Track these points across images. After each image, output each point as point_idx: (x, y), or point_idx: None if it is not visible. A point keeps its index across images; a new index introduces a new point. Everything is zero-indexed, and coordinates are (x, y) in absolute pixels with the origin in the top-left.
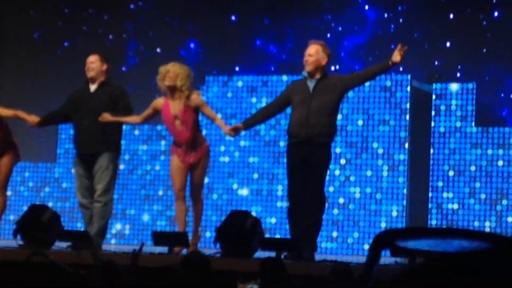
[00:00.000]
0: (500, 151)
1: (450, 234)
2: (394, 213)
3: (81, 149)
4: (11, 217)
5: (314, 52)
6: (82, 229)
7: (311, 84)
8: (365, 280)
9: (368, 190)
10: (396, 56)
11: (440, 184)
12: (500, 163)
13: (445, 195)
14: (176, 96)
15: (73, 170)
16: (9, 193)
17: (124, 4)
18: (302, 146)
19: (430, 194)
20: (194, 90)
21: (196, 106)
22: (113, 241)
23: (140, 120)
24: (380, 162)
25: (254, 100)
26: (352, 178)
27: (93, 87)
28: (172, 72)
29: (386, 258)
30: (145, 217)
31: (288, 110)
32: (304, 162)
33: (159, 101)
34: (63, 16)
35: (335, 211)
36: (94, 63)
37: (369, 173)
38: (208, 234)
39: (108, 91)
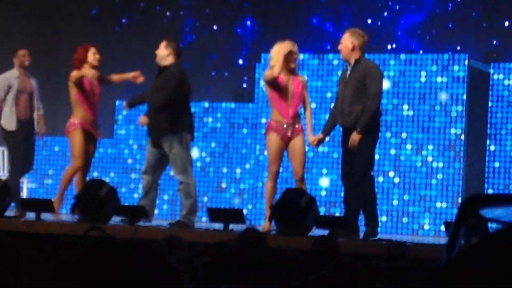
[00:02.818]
0: None
1: None
2: (450, 196)
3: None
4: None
5: (342, 40)
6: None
7: (348, 71)
8: (449, 251)
9: (424, 169)
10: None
11: (497, 164)
12: None
13: (500, 171)
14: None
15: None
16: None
17: None
18: (343, 132)
19: (486, 175)
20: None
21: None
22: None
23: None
24: (436, 141)
25: (314, 78)
26: (404, 155)
27: None
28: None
29: None
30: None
31: None
32: (346, 147)
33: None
34: None
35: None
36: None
37: (424, 152)
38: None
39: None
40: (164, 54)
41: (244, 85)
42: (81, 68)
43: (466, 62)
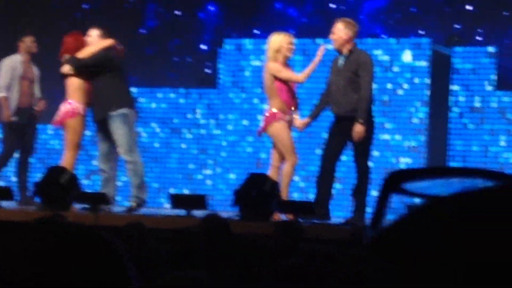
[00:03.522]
0: None
1: (464, 173)
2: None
3: None
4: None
5: (335, 30)
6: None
7: (341, 60)
8: (374, 228)
9: (388, 153)
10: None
11: (459, 148)
12: None
13: (462, 155)
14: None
15: None
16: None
17: None
18: (337, 120)
19: (448, 153)
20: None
21: None
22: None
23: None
24: (400, 125)
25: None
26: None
27: None
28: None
29: None
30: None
31: None
32: (339, 135)
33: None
34: None
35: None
36: None
37: (387, 136)
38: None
39: None
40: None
41: (207, 71)
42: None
43: (429, 46)
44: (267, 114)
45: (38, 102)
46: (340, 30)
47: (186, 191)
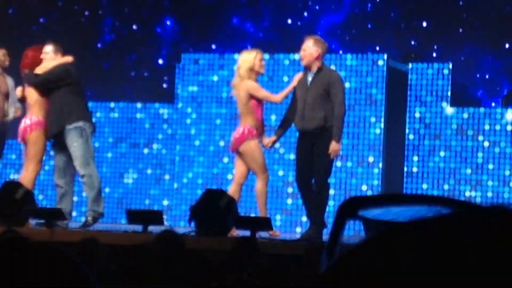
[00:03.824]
0: (475, 131)
1: (415, 200)
2: (366, 189)
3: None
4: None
5: (305, 47)
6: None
7: (309, 77)
8: (328, 253)
9: (347, 163)
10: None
11: (415, 163)
12: (475, 143)
13: (418, 171)
14: None
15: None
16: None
17: None
18: (303, 136)
19: (405, 169)
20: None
21: None
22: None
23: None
24: (355, 141)
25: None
26: None
27: None
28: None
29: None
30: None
31: None
32: (306, 151)
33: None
34: None
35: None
36: None
37: (344, 152)
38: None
39: None
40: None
41: (164, 85)
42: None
43: (385, 62)
44: (241, 132)
45: (16, 111)
46: (310, 47)
47: (149, 205)
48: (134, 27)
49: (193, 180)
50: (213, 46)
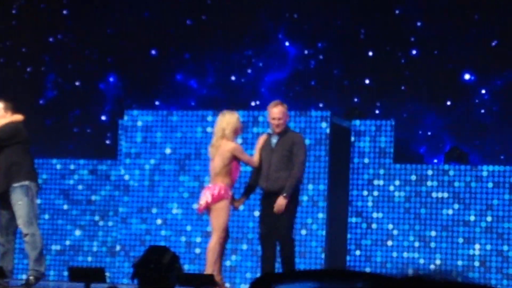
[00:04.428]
0: (418, 188)
1: (325, 276)
2: (314, 247)
3: None
4: None
5: (282, 115)
6: None
7: (274, 139)
8: None
9: None
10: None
11: (359, 220)
12: (418, 199)
13: (364, 225)
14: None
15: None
16: None
17: (42, 36)
18: (267, 195)
19: (348, 230)
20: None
21: None
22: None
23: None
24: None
25: (179, 134)
26: None
27: None
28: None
29: None
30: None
31: None
32: (270, 210)
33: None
34: None
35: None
36: None
37: None
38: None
39: None
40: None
41: (107, 142)
42: None
43: (329, 120)
44: (217, 191)
45: None
46: (284, 113)
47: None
48: (77, 83)
49: (136, 236)
50: (157, 103)
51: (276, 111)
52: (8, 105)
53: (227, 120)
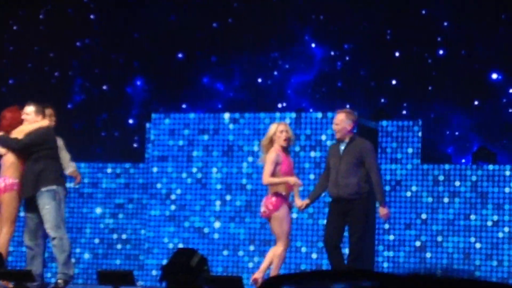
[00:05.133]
0: (446, 188)
1: (331, 276)
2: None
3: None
4: None
5: (340, 122)
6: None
7: (342, 146)
8: None
9: (318, 220)
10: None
11: (386, 225)
12: (446, 199)
13: (386, 226)
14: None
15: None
16: None
17: (69, 41)
18: (337, 201)
19: (377, 223)
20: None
21: None
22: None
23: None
24: (326, 198)
25: (206, 137)
26: (294, 215)
27: None
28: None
29: None
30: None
31: None
32: (338, 216)
33: (278, 156)
34: (7, 53)
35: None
36: None
37: (312, 210)
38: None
39: None
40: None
41: (135, 145)
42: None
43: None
44: (275, 201)
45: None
46: (343, 121)
47: (123, 266)
48: (104, 87)
49: (163, 239)
50: (184, 106)
51: (335, 118)
52: (39, 108)
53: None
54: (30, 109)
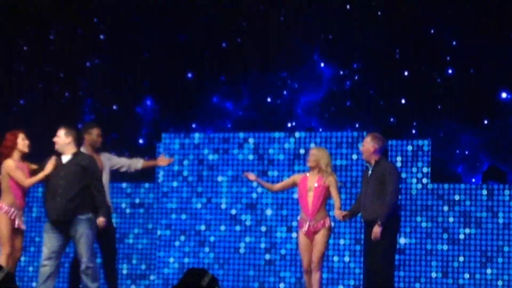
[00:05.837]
0: (456, 207)
1: None
2: (353, 268)
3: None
4: None
5: (364, 143)
6: None
7: (369, 170)
8: None
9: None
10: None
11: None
12: (456, 219)
13: (402, 241)
14: (315, 172)
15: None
16: None
17: (79, 61)
18: (365, 225)
19: None
20: (333, 173)
21: (329, 186)
22: None
23: (276, 189)
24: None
25: (216, 156)
26: None
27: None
28: (315, 155)
29: None
30: None
31: None
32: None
33: (299, 176)
34: (18, 73)
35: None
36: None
37: None
38: None
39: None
40: (64, 142)
41: None
42: (11, 155)
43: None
44: (322, 221)
45: None
46: (368, 143)
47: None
48: (114, 107)
49: (174, 259)
50: (193, 125)
51: (364, 140)
52: (69, 131)
53: (323, 155)
54: (61, 132)
